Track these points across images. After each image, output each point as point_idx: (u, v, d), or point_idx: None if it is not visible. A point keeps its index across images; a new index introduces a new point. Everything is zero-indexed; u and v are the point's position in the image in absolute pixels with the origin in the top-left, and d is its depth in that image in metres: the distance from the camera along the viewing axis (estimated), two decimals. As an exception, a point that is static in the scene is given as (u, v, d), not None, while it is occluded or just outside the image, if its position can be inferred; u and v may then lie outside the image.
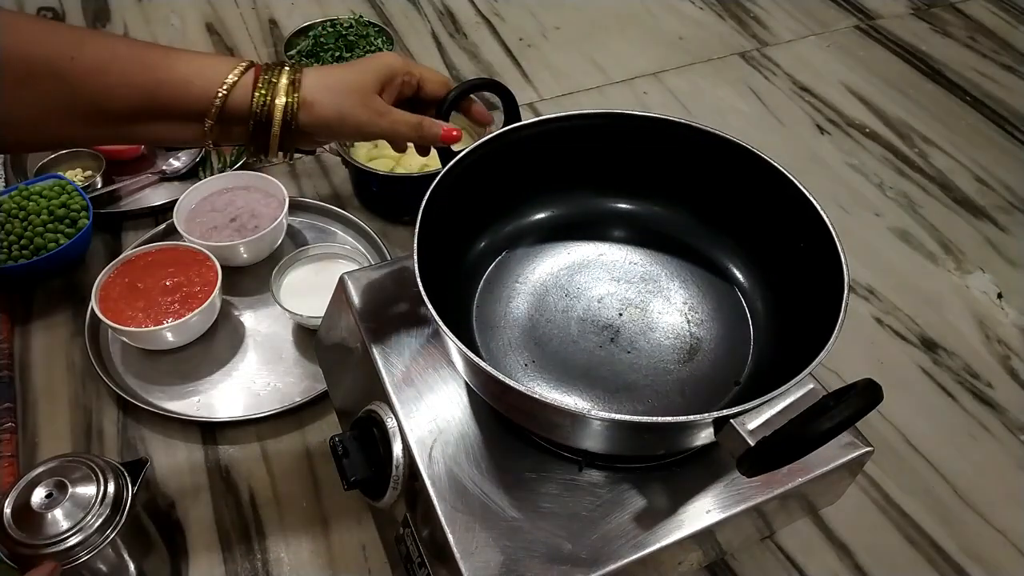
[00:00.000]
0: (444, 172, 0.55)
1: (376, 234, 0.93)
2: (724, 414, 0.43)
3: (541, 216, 0.64)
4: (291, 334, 0.85)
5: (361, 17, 1.24)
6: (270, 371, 0.81)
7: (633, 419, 0.44)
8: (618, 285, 0.61)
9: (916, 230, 1.00)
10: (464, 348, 0.45)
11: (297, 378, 0.81)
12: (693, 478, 0.53)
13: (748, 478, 0.45)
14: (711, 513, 0.51)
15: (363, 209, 0.99)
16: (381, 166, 0.97)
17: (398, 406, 0.54)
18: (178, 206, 0.89)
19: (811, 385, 0.44)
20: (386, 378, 0.56)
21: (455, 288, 0.58)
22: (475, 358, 0.45)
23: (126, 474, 0.61)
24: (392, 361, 0.57)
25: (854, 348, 0.86)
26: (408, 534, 0.55)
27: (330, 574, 0.68)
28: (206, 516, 0.72)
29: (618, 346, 0.57)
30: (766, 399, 0.43)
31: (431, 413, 0.55)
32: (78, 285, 0.89)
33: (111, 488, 0.59)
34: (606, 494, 0.51)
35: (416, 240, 0.50)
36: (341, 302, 0.62)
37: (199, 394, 0.79)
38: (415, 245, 0.50)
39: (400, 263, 0.64)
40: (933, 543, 0.72)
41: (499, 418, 0.55)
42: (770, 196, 0.56)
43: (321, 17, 1.24)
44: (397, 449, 0.53)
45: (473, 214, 0.60)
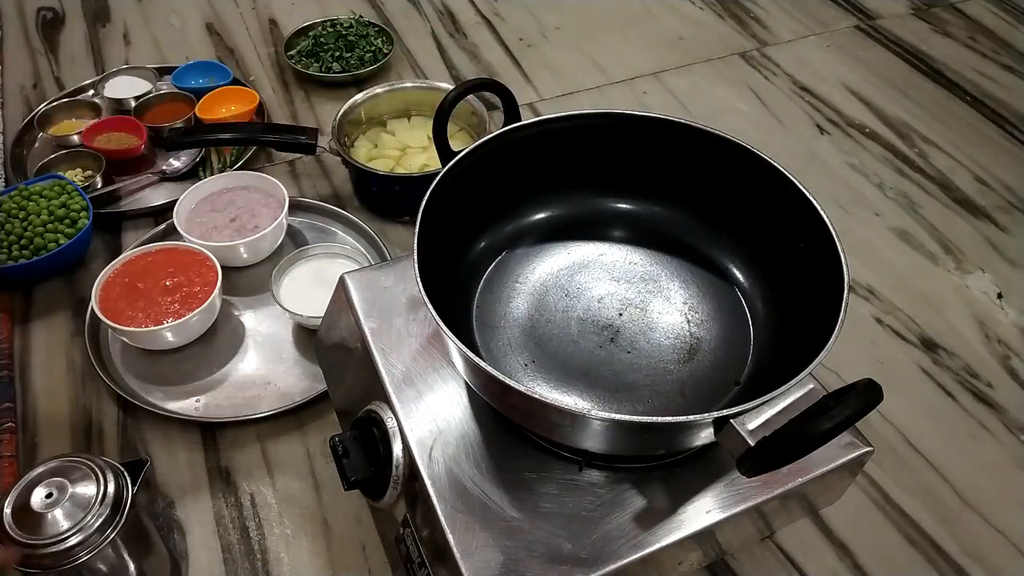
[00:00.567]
0: (444, 172, 0.55)
1: (376, 234, 0.93)
2: (724, 414, 0.43)
3: (541, 216, 0.64)
4: (291, 334, 0.85)
5: (361, 17, 1.25)
6: (270, 371, 0.81)
7: (633, 419, 0.44)
8: (618, 285, 0.61)
9: (916, 230, 1.00)
10: (464, 348, 0.45)
11: (297, 378, 0.81)
12: (693, 478, 0.53)
13: (748, 478, 0.45)
14: (711, 513, 0.51)
15: (363, 209, 0.99)
16: (381, 166, 0.97)
17: (398, 406, 0.54)
18: (178, 206, 0.89)
19: (811, 385, 0.44)
20: (386, 378, 0.56)
21: (455, 288, 0.58)
22: (475, 358, 0.45)
23: (126, 474, 0.61)
24: (392, 361, 0.57)
25: (854, 348, 0.86)
26: (408, 534, 0.55)
27: (330, 574, 0.68)
28: (206, 516, 0.72)
29: (618, 346, 0.57)
30: (766, 399, 0.43)
31: (431, 413, 0.55)
32: (78, 285, 0.89)
33: (111, 488, 0.59)
34: (606, 494, 0.51)
35: (416, 240, 0.50)
36: (341, 302, 0.62)
37: (199, 394, 0.79)
38: (415, 245, 0.50)
39: (400, 263, 0.64)
40: (933, 543, 0.72)
41: (499, 418, 0.55)
42: (770, 196, 0.56)
43: (321, 17, 1.25)
44: (397, 449, 0.53)
45: (473, 214, 0.60)
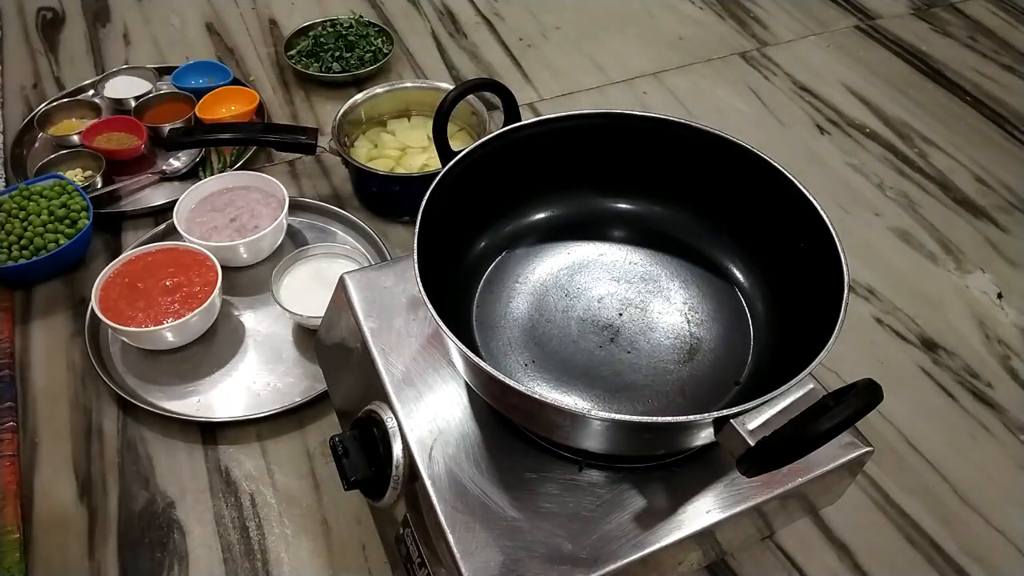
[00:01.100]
0: (444, 172, 0.55)
1: (376, 234, 0.93)
2: (724, 414, 0.43)
3: (541, 216, 0.64)
4: (291, 334, 0.85)
5: (361, 17, 1.25)
6: (270, 371, 0.81)
7: (633, 419, 0.44)
8: (618, 285, 0.61)
9: (916, 230, 1.00)
10: (464, 348, 0.45)
11: (297, 378, 0.81)
12: (693, 478, 0.53)
13: (748, 478, 0.45)
14: (711, 513, 0.51)
15: (363, 209, 0.99)
16: (381, 166, 0.97)
17: (398, 406, 0.54)
18: (178, 206, 0.89)
19: (811, 385, 0.44)
20: (386, 378, 0.56)
21: (455, 288, 0.58)
22: (475, 358, 0.45)
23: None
24: (392, 361, 0.57)
25: (854, 348, 0.86)
26: (408, 534, 0.55)
27: (330, 574, 0.68)
28: (206, 516, 0.72)
29: (618, 346, 0.57)
30: (766, 399, 0.43)
31: (431, 413, 0.55)
32: (78, 285, 0.89)
33: None
34: (606, 494, 0.51)
35: (416, 240, 0.50)
36: (341, 302, 0.62)
37: (199, 394, 0.79)
38: (415, 245, 0.50)
39: (400, 263, 0.64)
40: (933, 543, 0.72)
41: (499, 418, 0.55)
42: (770, 196, 0.56)
43: (321, 17, 1.25)
44: (397, 449, 0.53)
45: (473, 214, 0.60)
